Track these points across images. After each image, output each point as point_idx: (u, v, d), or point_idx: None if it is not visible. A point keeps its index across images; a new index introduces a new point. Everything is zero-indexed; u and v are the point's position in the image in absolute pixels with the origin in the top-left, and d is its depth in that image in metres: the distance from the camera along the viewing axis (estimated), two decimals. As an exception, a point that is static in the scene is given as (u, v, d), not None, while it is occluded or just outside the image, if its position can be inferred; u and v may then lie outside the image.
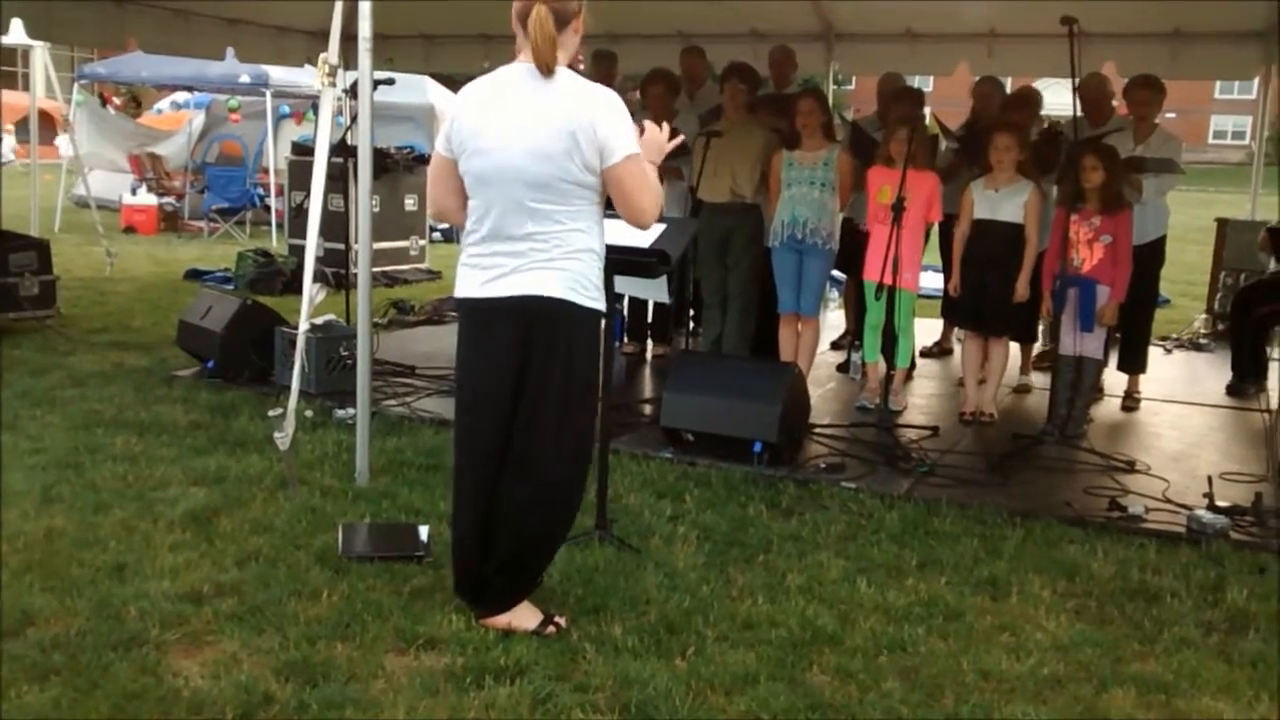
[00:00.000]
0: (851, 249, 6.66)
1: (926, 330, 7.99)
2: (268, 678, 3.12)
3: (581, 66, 3.45)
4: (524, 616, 3.49)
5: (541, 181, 3.29)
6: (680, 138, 3.64)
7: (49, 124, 18.33)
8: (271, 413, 4.72)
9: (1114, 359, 6.92)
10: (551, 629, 3.47)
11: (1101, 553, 4.31)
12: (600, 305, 3.48)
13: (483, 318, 3.46)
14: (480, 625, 3.46)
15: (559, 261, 3.35)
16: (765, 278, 6.68)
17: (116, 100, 21.93)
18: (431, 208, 3.66)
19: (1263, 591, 3.97)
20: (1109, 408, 6.80)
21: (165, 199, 15.56)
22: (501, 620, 3.48)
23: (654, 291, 4.29)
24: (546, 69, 3.28)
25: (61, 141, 12.59)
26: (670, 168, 7.12)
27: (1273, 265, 6.88)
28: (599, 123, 3.26)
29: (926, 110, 7.78)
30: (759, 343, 6.90)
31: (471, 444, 3.52)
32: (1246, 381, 7.24)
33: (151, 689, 3.04)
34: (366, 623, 3.47)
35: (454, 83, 17.65)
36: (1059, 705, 3.17)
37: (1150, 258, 6.45)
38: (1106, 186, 5.78)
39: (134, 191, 15.47)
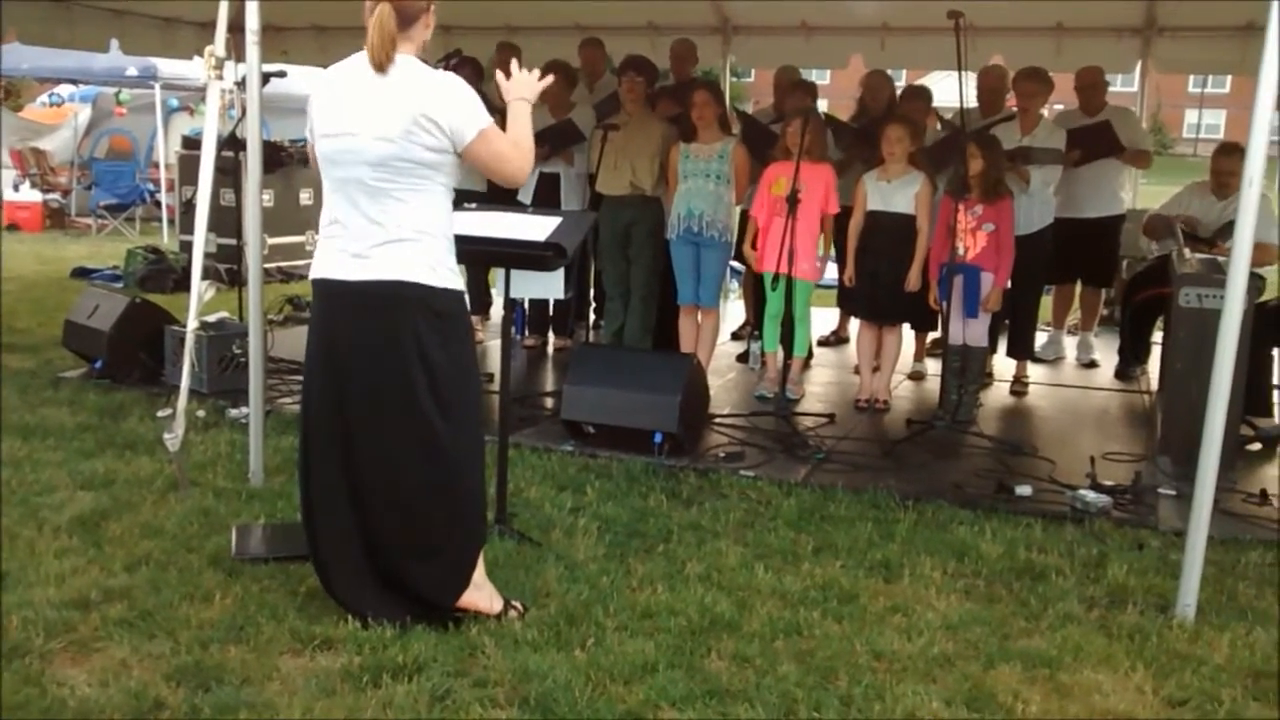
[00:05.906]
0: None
1: (824, 320, 8.13)
2: (158, 683, 3.06)
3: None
4: (487, 600, 3.52)
5: (381, 160, 3.30)
6: (549, 78, 3.64)
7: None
8: (161, 413, 4.64)
9: (1003, 346, 7.13)
10: (514, 613, 3.54)
11: (990, 533, 4.43)
12: (457, 284, 3.45)
13: (333, 301, 3.43)
14: (377, 622, 3.43)
15: (407, 242, 3.33)
16: (666, 270, 6.72)
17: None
18: None
19: (1141, 566, 4.13)
20: (999, 393, 6.99)
21: (50, 195, 15.07)
22: (467, 601, 3.48)
23: (550, 291, 4.30)
24: (379, 66, 3.30)
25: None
26: (563, 151, 7.17)
27: (1155, 250, 7.11)
28: (441, 109, 3.29)
29: (824, 103, 7.89)
30: (659, 334, 6.94)
31: (329, 444, 3.46)
32: (1131, 365, 7.50)
33: (35, 699, 2.96)
34: (260, 624, 3.42)
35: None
36: (949, 683, 3.25)
37: (1036, 247, 6.63)
38: (985, 175, 5.91)
39: (16, 188, 14.95)
